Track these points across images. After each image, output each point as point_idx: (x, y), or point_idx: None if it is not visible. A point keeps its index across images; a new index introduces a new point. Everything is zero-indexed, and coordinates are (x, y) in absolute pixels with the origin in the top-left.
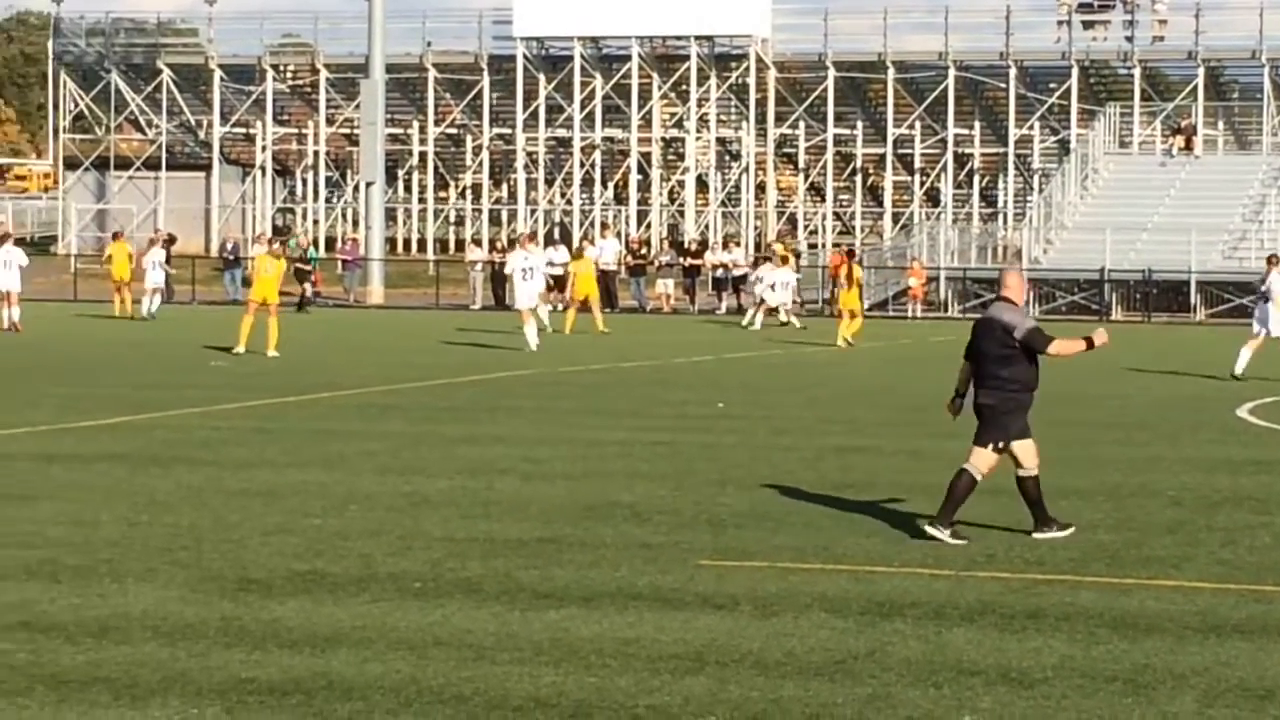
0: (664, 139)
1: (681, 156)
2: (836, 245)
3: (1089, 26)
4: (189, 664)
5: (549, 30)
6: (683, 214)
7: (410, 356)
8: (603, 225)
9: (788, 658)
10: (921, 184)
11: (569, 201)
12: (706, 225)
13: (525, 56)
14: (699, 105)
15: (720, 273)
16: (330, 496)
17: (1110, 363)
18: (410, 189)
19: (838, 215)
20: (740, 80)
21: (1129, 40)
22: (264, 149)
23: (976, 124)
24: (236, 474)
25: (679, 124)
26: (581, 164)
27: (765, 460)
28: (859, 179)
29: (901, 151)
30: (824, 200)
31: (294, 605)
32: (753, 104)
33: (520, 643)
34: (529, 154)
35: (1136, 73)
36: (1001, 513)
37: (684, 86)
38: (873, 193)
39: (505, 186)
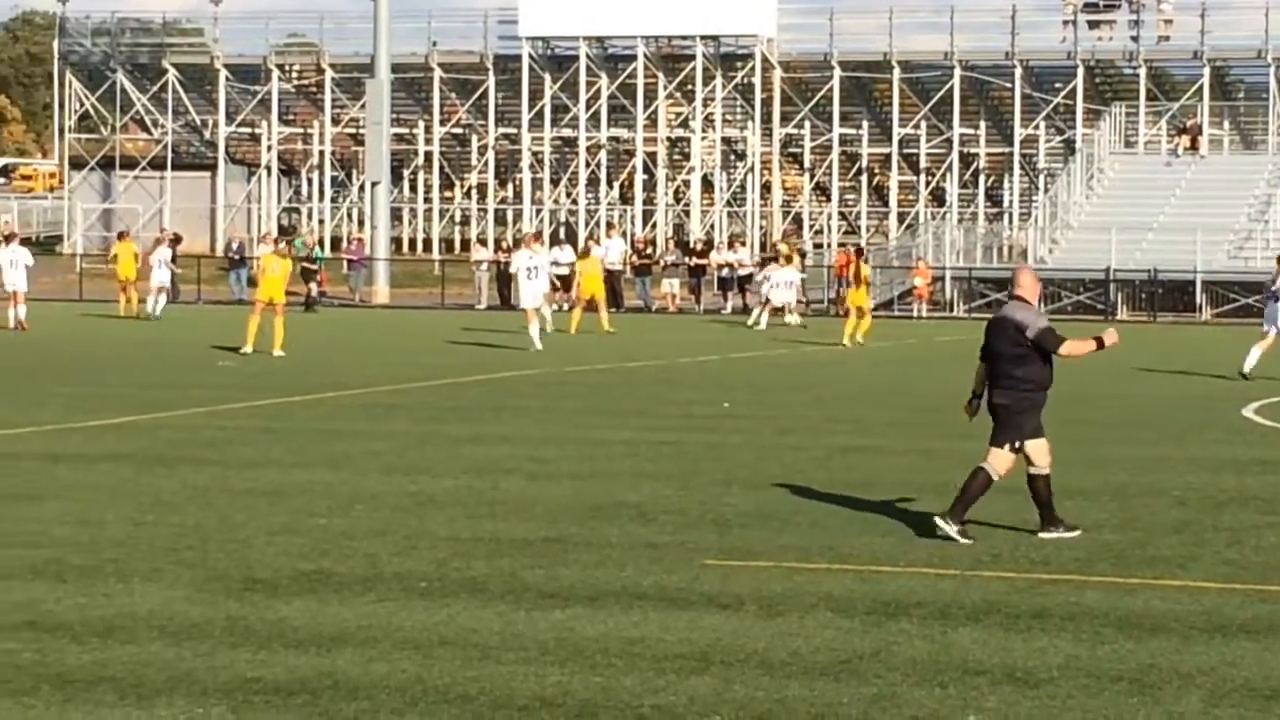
0: (669, 139)
1: (687, 156)
2: (842, 245)
3: (1094, 26)
4: (194, 664)
5: (554, 30)
6: (688, 214)
7: (416, 356)
8: (608, 225)
9: (793, 657)
10: (927, 184)
11: (574, 201)
12: (712, 225)
13: (530, 56)
14: (704, 105)
15: (725, 272)
16: (336, 496)
17: (1116, 362)
18: (415, 189)
19: (843, 215)
20: (745, 80)
21: (1134, 40)
22: (269, 149)
23: (982, 124)
24: (242, 474)
25: (684, 124)
26: (587, 164)
27: (771, 460)
28: (864, 179)
29: (907, 151)
30: (829, 200)
31: (299, 605)
32: (758, 104)
33: (526, 642)
34: (534, 154)
35: (1142, 72)
36: (1007, 512)
37: (689, 86)
38: (878, 192)
39: (510, 186)
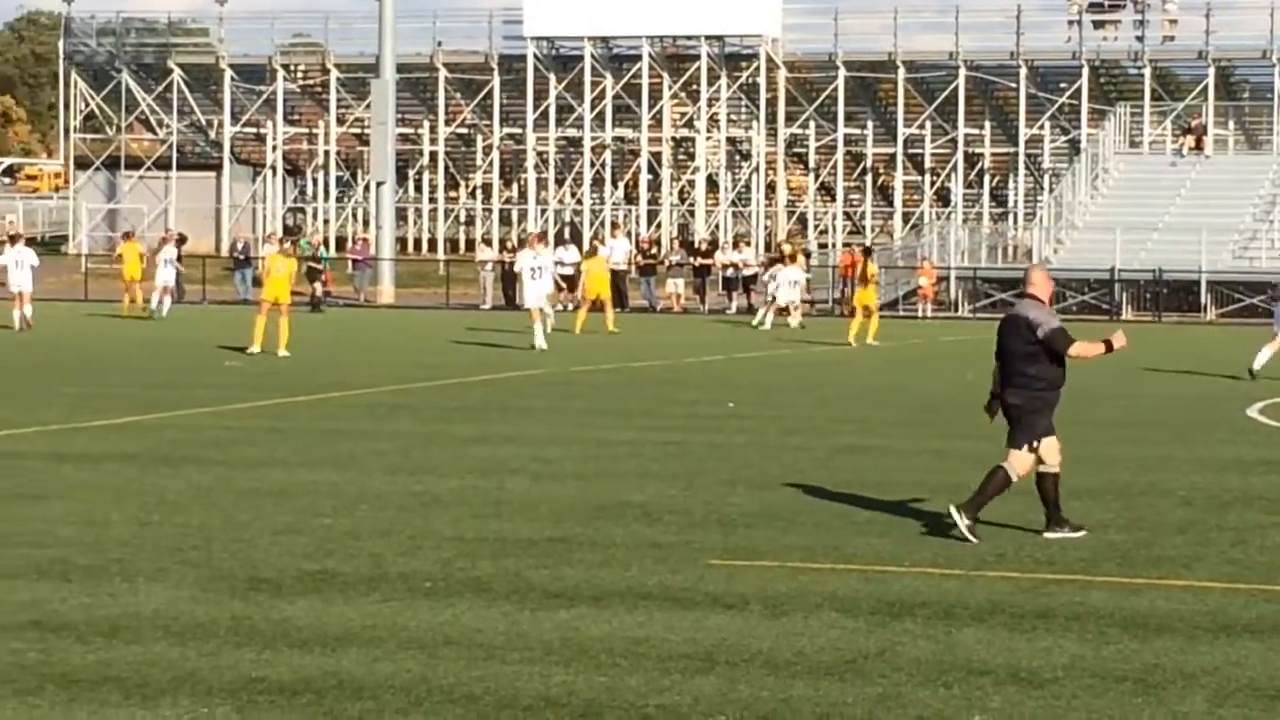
0: (674, 139)
1: (692, 156)
2: (847, 245)
3: (1099, 26)
4: (199, 663)
5: (559, 30)
6: (693, 214)
7: (421, 356)
8: (613, 225)
9: (798, 657)
10: (932, 184)
11: (579, 201)
12: (717, 225)
13: (536, 56)
14: (709, 105)
15: (730, 272)
16: (341, 496)
17: (1121, 362)
18: (421, 189)
19: (848, 215)
20: (750, 80)
21: (1139, 40)
22: (274, 149)
23: (987, 124)
24: (247, 473)
25: (689, 124)
26: (592, 164)
27: (776, 460)
28: (869, 179)
29: (912, 151)
30: (834, 200)
31: (304, 605)
32: (763, 104)
33: (530, 642)
34: (539, 154)
35: (1147, 72)
36: (1012, 513)
37: (694, 86)
38: (883, 192)
39: (515, 186)
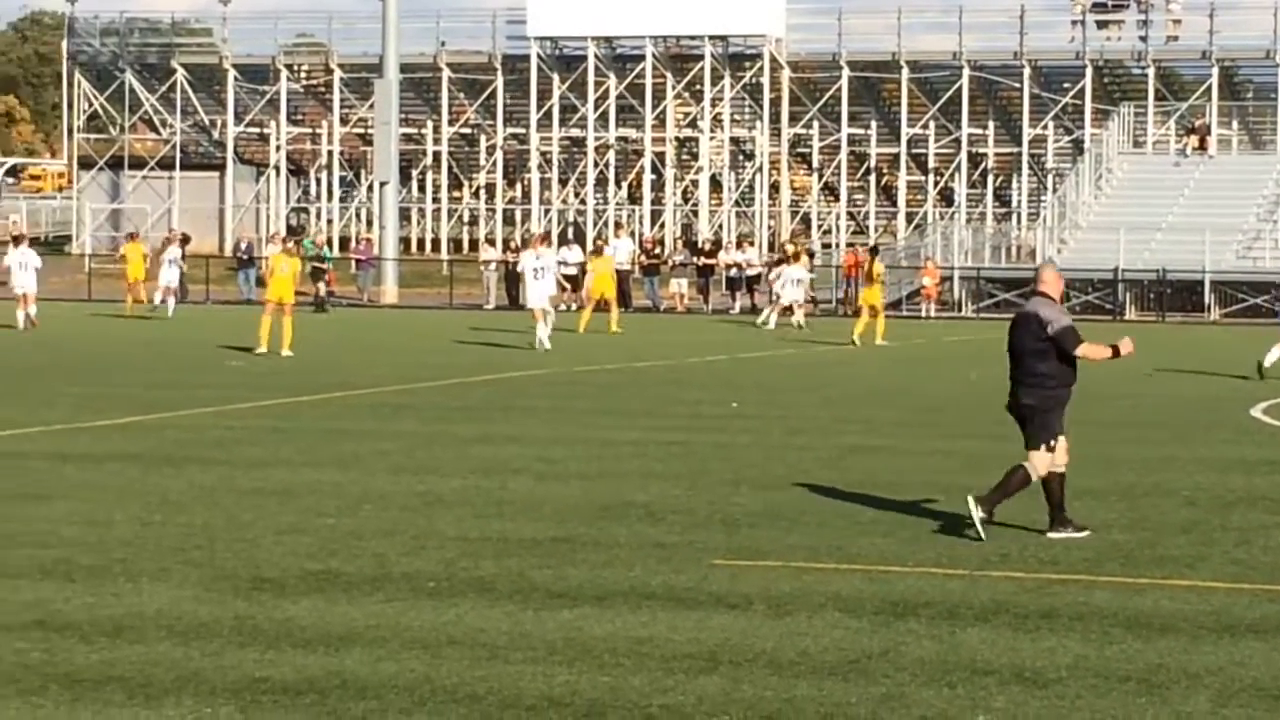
0: (678, 139)
1: (695, 156)
2: (850, 244)
3: (1103, 26)
4: (203, 663)
5: (563, 30)
6: (696, 214)
7: (424, 356)
8: (616, 225)
9: (801, 657)
10: (935, 183)
11: (583, 201)
12: (720, 225)
13: (539, 56)
14: (713, 105)
15: (734, 272)
16: (344, 496)
17: (1125, 363)
18: (424, 189)
19: (852, 215)
20: (754, 80)
21: (1143, 40)
22: (278, 149)
23: (990, 124)
24: (250, 473)
25: (693, 124)
26: (595, 164)
27: (780, 460)
28: (873, 178)
29: (915, 151)
30: (838, 200)
31: (308, 604)
32: (767, 104)
33: (534, 642)
34: (543, 154)
35: (1151, 72)
36: (1016, 512)
37: (698, 86)
38: (887, 192)
39: (519, 186)
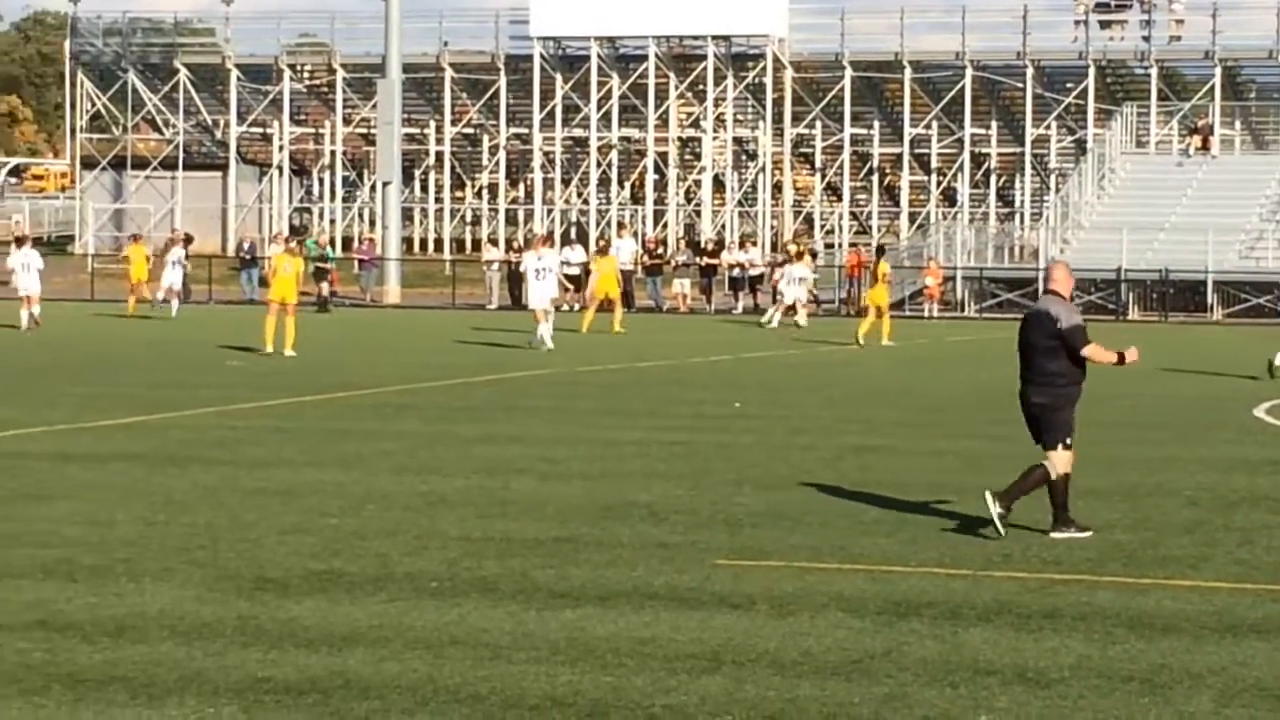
0: (680, 139)
1: (698, 156)
2: (853, 245)
3: (1106, 26)
4: (205, 663)
5: (566, 30)
6: (699, 214)
7: (427, 356)
8: (619, 225)
9: (804, 657)
10: (938, 183)
11: (585, 201)
12: (723, 225)
13: (542, 56)
14: (716, 105)
15: (737, 272)
16: (347, 496)
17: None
18: (427, 189)
19: (854, 215)
20: (757, 80)
21: (1146, 40)
22: (281, 149)
23: (993, 123)
24: (253, 473)
25: (696, 124)
26: (598, 164)
27: (782, 460)
28: (876, 178)
29: (918, 151)
30: (841, 200)
31: (310, 605)
32: (769, 104)
33: (537, 642)
34: (545, 154)
35: (1153, 72)
36: (1019, 513)
37: (701, 86)
38: (889, 192)
39: (522, 186)
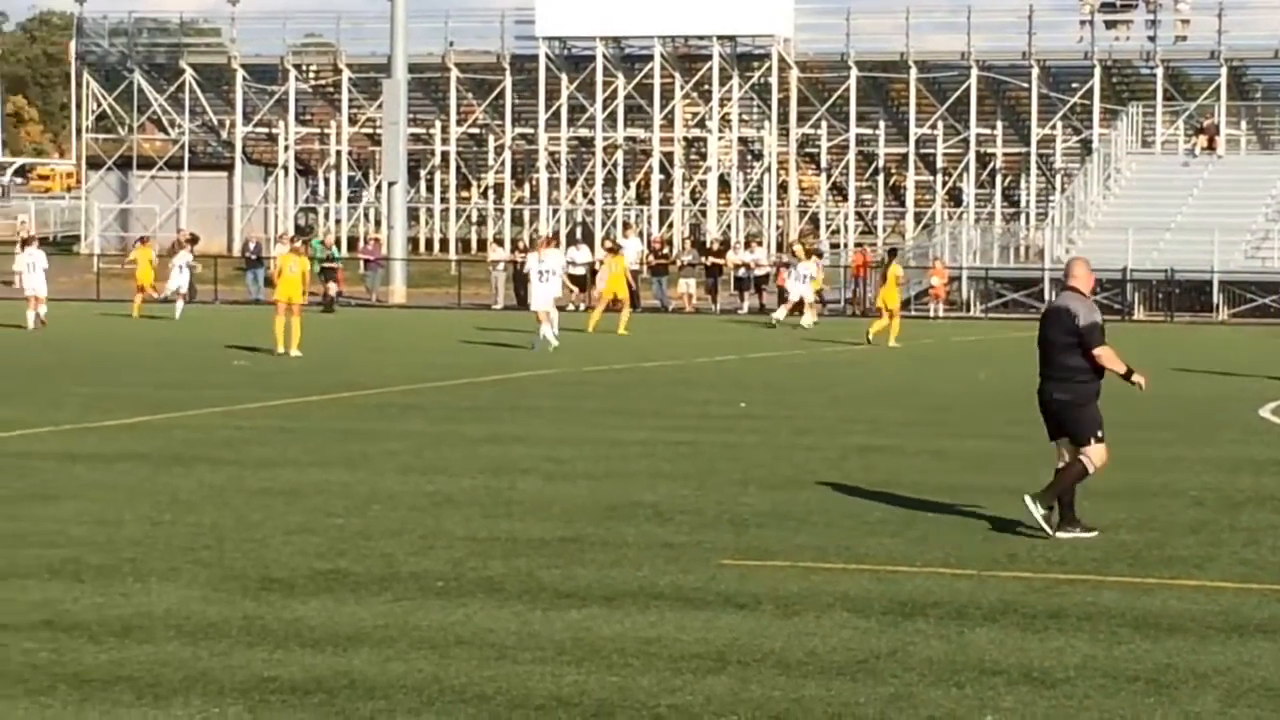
0: (686, 139)
1: (703, 156)
2: (859, 245)
3: (1111, 26)
4: (211, 663)
5: (571, 30)
6: (705, 214)
7: (432, 356)
8: (625, 225)
9: (810, 657)
10: (944, 184)
11: (591, 201)
12: (728, 225)
13: (547, 56)
14: (721, 105)
15: (742, 272)
16: (352, 496)
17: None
18: (432, 189)
19: (860, 215)
20: (762, 80)
21: (1151, 40)
22: (286, 149)
23: (999, 124)
24: (259, 473)
25: (701, 124)
26: (604, 164)
27: (788, 460)
28: (881, 179)
29: (924, 151)
30: (846, 200)
31: (316, 604)
32: (775, 104)
33: (542, 642)
34: (551, 154)
35: (1159, 72)
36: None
37: (706, 86)
38: (895, 192)
39: (527, 186)
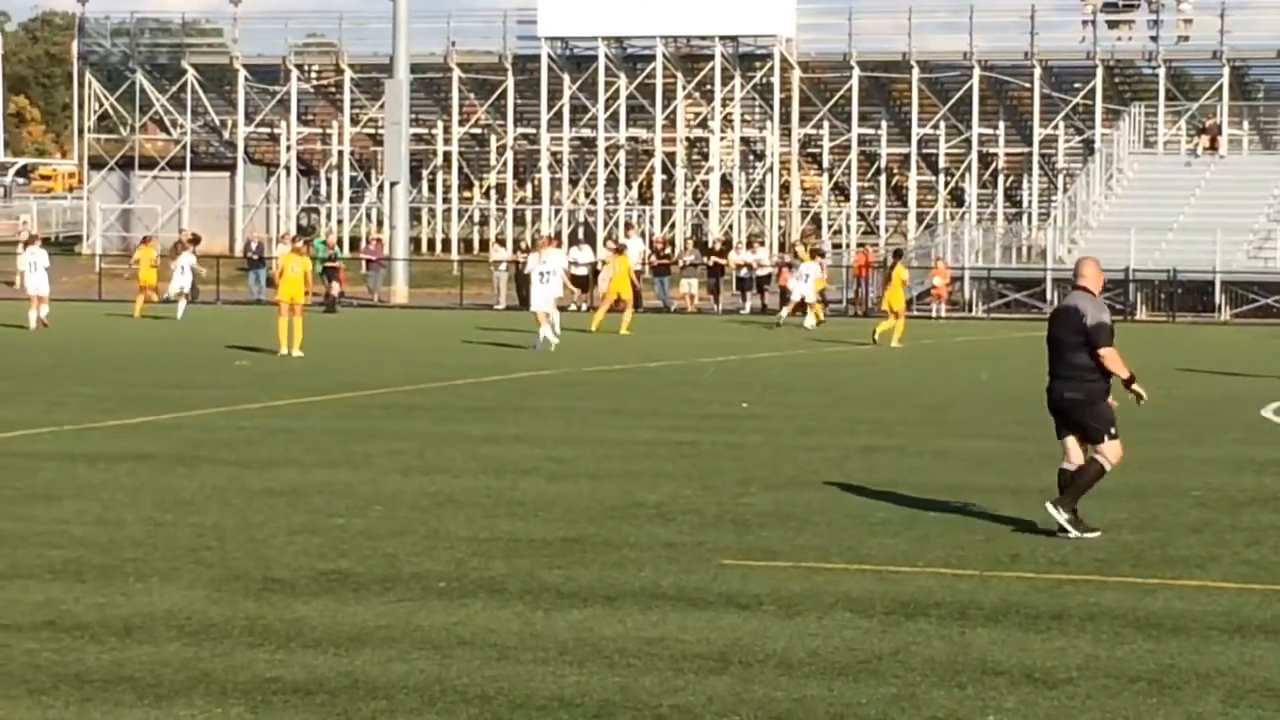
0: (688, 139)
1: (706, 156)
2: (861, 245)
3: (1114, 26)
4: (213, 664)
5: (573, 30)
6: (707, 214)
7: (434, 356)
8: (627, 225)
9: (812, 657)
10: (946, 184)
11: (593, 201)
12: (730, 225)
13: (550, 56)
14: (723, 105)
15: (744, 272)
16: (354, 496)
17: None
18: (434, 189)
19: (862, 215)
20: (764, 80)
21: (1154, 40)
22: (288, 149)
23: (1001, 124)
24: (261, 474)
25: (703, 124)
26: (606, 164)
27: (790, 460)
28: (883, 179)
29: (926, 151)
30: (848, 200)
31: (318, 605)
32: (777, 104)
33: (544, 642)
34: (553, 154)
35: (1161, 72)
36: (1025, 512)
37: (708, 86)
38: (897, 193)
39: (529, 186)
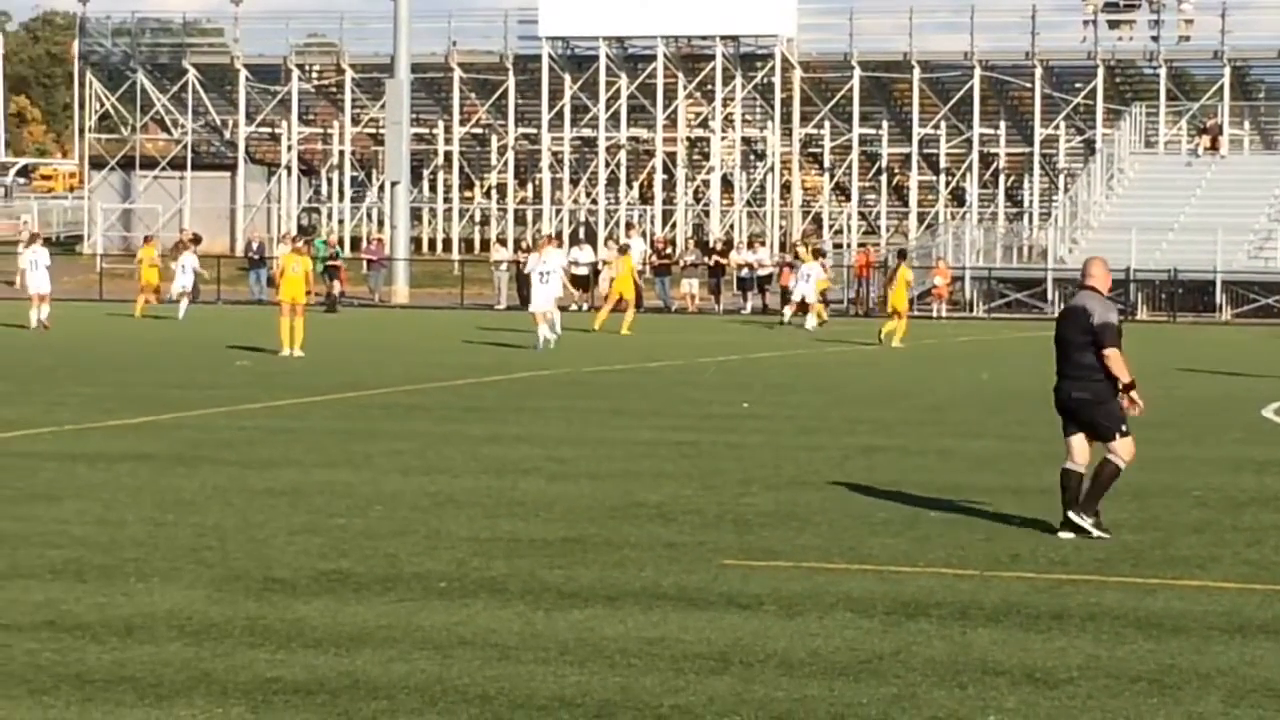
0: (689, 139)
1: (706, 156)
2: (862, 245)
3: (1115, 26)
4: (214, 664)
5: (574, 30)
6: (708, 214)
7: (435, 356)
8: (627, 225)
9: (812, 657)
10: (947, 184)
11: (594, 201)
12: (731, 225)
13: (550, 56)
14: (724, 105)
15: (745, 272)
16: (355, 496)
17: (1136, 364)
18: (435, 189)
19: (863, 215)
20: (765, 80)
21: (1155, 40)
22: (289, 149)
23: (1002, 124)
24: (262, 473)
25: (704, 124)
26: (606, 164)
27: (791, 460)
28: (884, 179)
29: (927, 151)
30: (849, 200)
31: (319, 605)
32: (778, 104)
33: (545, 642)
34: (554, 154)
35: (1162, 72)
36: (1026, 512)
37: (709, 86)
38: (898, 192)
39: (530, 186)
